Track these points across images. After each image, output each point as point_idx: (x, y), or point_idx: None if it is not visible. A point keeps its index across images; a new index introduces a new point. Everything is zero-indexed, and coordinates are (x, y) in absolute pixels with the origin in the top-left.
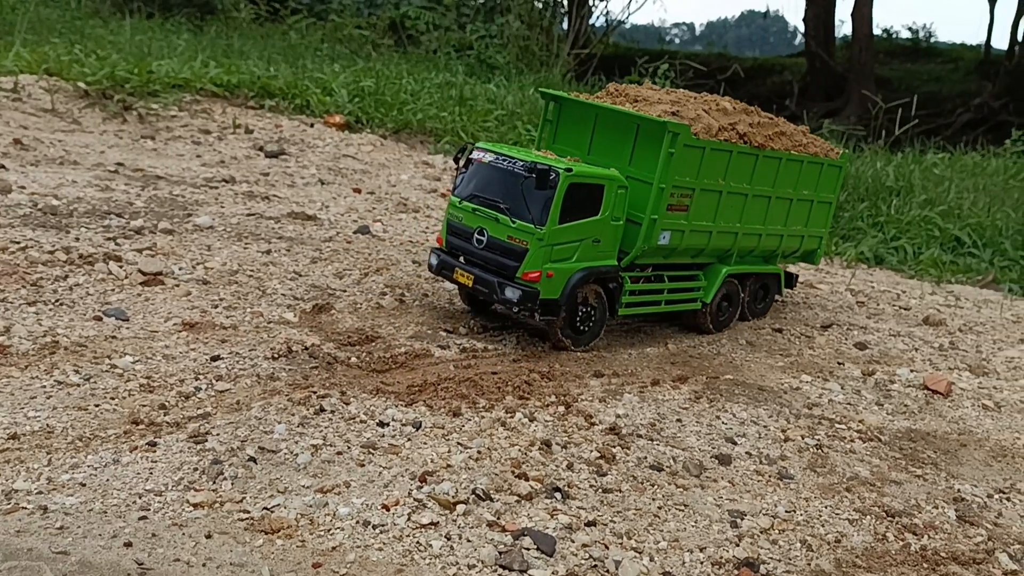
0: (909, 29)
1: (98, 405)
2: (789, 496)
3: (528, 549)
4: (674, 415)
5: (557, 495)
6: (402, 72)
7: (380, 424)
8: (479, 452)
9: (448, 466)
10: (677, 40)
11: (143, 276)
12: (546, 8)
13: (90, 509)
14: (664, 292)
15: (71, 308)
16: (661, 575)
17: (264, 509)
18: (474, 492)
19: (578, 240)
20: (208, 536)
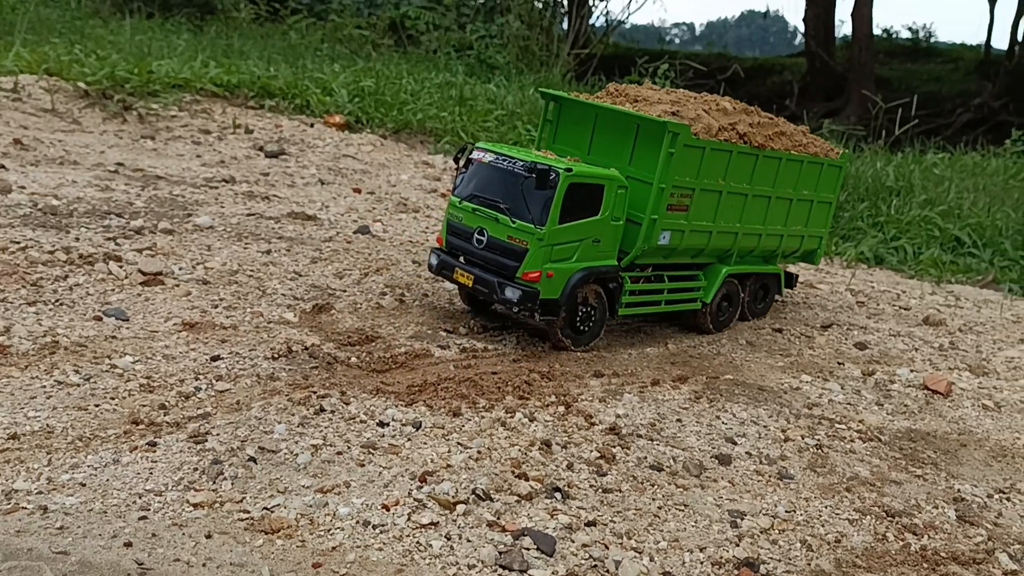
0: (909, 29)
1: (98, 405)
2: (789, 496)
3: (528, 549)
4: (674, 415)
5: (557, 495)
6: (402, 72)
7: (380, 424)
8: (479, 452)
9: (448, 466)
10: (677, 40)
11: (143, 276)
12: (546, 8)
13: (90, 509)
14: (664, 292)
15: (71, 308)
16: (661, 575)
17: (264, 509)
18: (474, 492)
19: (578, 240)
20: (208, 536)
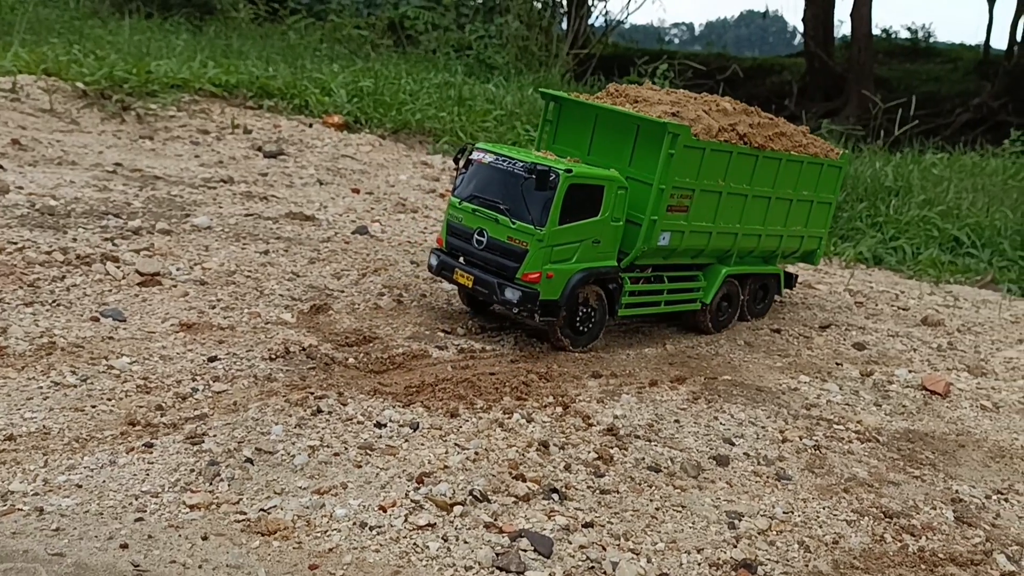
0: (908, 29)
1: (95, 406)
2: (787, 497)
3: (525, 550)
4: (672, 416)
5: (554, 496)
6: (401, 72)
7: (377, 425)
8: (476, 453)
9: (445, 467)
10: (676, 40)
11: (140, 277)
12: (545, 8)
13: (86, 511)
14: (664, 293)
15: (68, 309)
16: None
17: (261, 510)
18: (471, 493)
19: (578, 241)
20: (204, 538)
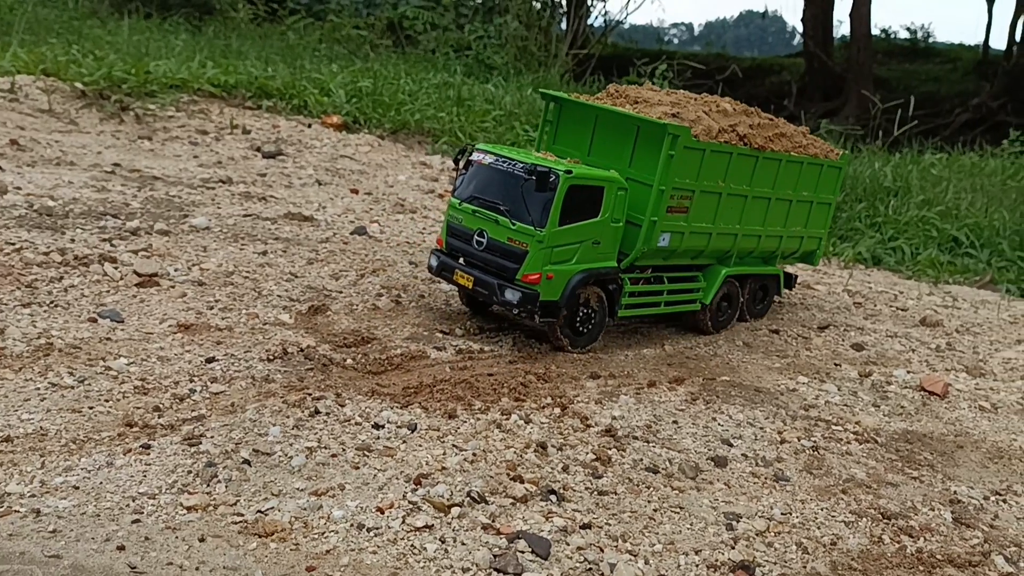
0: (907, 29)
1: (92, 407)
2: (785, 498)
3: (523, 552)
4: (670, 417)
5: (552, 497)
6: (400, 72)
7: (375, 426)
8: (474, 454)
9: (443, 468)
10: (676, 40)
11: (138, 277)
12: (544, 8)
13: (83, 512)
14: (664, 293)
15: (66, 310)
16: None
17: (258, 512)
18: (469, 495)
19: (578, 242)
20: (201, 539)
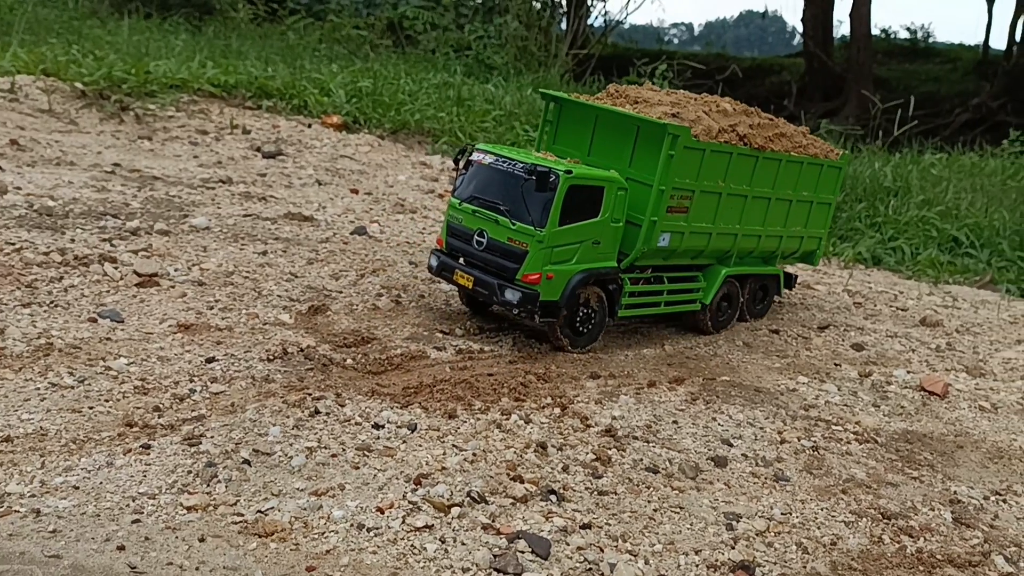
0: (907, 29)
1: (92, 407)
2: (785, 498)
3: (523, 552)
4: (670, 417)
5: (552, 497)
6: (400, 72)
7: (375, 426)
8: (474, 454)
9: (443, 468)
10: (676, 40)
11: (138, 277)
12: (544, 8)
13: (83, 512)
14: (664, 293)
15: (66, 310)
16: None
17: (258, 512)
18: (469, 495)
19: (578, 242)
20: (201, 539)
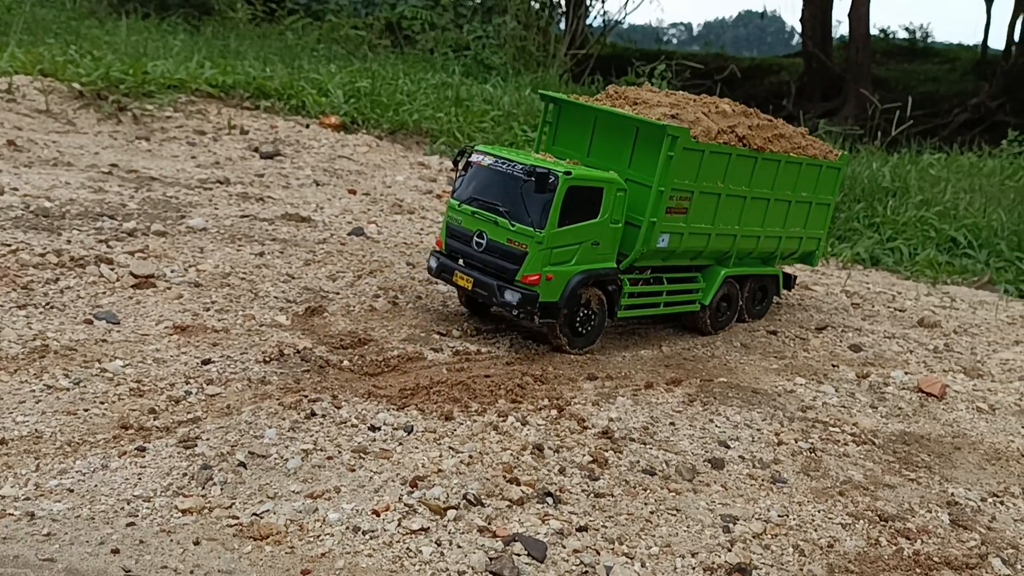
0: (906, 29)
1: (87, 410)
2: (782, 500)
3: (519, 555)
4: (667, 418)
5: (549, 500)
6: (398, 72)
7: (371, 428)
8: (471, 456)
9: (439, 471)
10: (674, 40)
11: (135, 279)
12: (543, 8)
13: (78, 515)
14: (663, 294)
15: (61, 311)
16: None
17: (253, 515)
18: (465, 497)
19: (577, 243)
20: (196, 543)
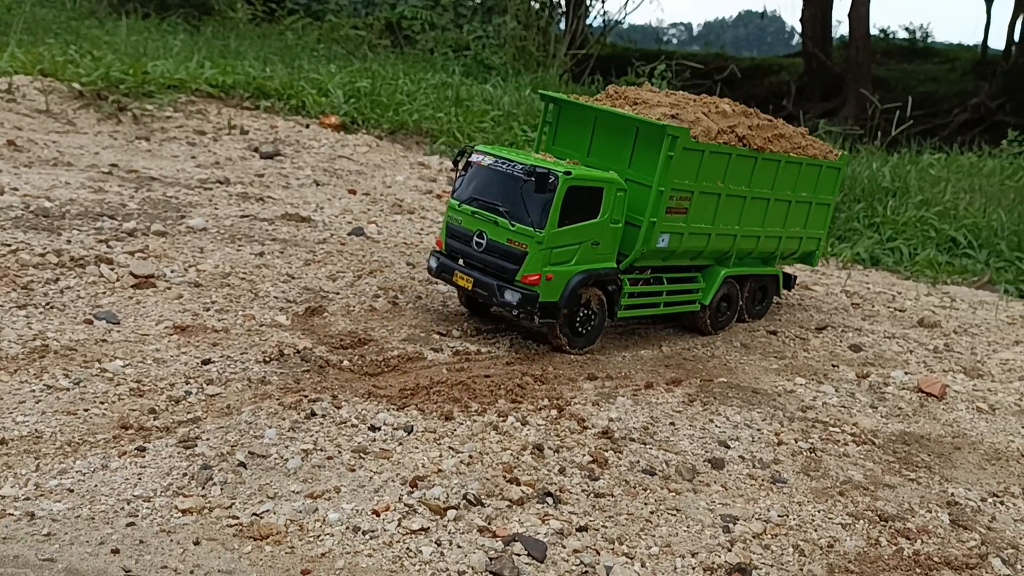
0: (906, 29)
1: (87, 410)
2: (782, 500)
3: (519, 555)
4: (667, 418)
5: (549, 500)
6: (398, 72)
7: (371, 428)
8: (471, 456)
9: (439, 471)
10: (674, 40)
11: (135, 279)
12: (543, 8)
13: (78, 515)
14: (663, 294)
15: (61, 311)
16: None
17: (253, 515)
18: (465, 497)
19: (577, 243)
20: (196, 543)
